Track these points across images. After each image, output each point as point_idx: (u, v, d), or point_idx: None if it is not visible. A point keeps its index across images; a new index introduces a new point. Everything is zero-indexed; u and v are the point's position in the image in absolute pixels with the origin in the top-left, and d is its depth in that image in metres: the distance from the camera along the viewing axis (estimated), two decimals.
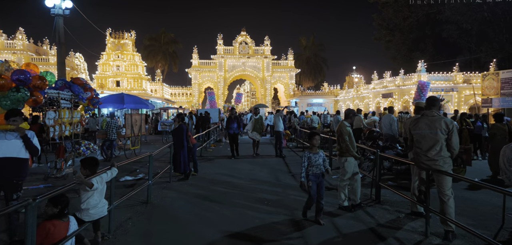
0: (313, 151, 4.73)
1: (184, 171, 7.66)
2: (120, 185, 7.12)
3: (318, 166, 4.66)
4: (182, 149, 7.62)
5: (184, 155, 7.66)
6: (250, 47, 42.85)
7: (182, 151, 7.62)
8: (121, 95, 11.21)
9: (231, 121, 11.17)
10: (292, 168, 9.31)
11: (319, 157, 4.70)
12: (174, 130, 7.83)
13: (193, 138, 8.61)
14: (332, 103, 40.50)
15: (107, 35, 36.33)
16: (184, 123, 7.91)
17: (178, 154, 7.61)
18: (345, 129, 5.30)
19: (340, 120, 13.64)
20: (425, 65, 23.27)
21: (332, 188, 6.81)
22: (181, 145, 7.61)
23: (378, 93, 27.50)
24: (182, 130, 7.67)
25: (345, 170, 5.31)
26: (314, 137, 4.79)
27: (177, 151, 7.61)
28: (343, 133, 5.27)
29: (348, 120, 5.49)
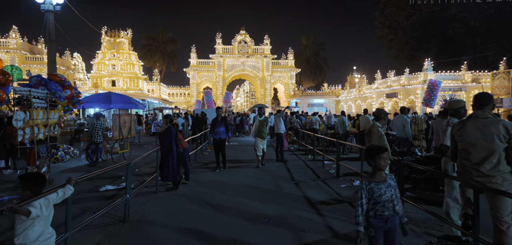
0: (377, 179, 2.73)
1: (173, 179, 6.74)
2: (98, 197, 6.20)
3: (387, 204, 2.66)
4: (170, 154, 6.70)
5: (172, 161, 6.75)
6: (250, 46, 41.97)
7: (170, 156, 6.70)
8: (108, 94, 10.26)
9: (217, 124, 8.95)
10: (295, 175, 8.39)
11: (387, 188, 2.68)
12: (161, 133, 6.92)
13: (185, 141, 7.69)
14: (334, 104, 39.62)
15: (102, 34, 35.39)
16: (172, 125, 6.98)
17: (165, 160, 6.69)
18: (377, 130, 4.39)
19: (344, 120, 12.75)
20: (432, 63, 22.38)
21: (343, 201, 5.89)
22: (169, 150, 6.70)
23: (381, 93, 26.60)
24: (171, 133, 6.76)
25: None
26: (381, 155, 2.72)
27: (165, 156, 6.70)
28: (373, 134, 4.37)
29: (381, 121, 4.57)
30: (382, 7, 38.04)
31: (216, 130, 8.95)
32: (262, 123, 9.48)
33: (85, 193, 6.43)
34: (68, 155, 7.58)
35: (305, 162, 10.60)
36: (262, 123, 9.49)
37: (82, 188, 6.72)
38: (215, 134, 8.98)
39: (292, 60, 43.24)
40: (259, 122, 9.46)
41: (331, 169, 9.01)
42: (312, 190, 6.67)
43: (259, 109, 9.93)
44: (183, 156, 7.44)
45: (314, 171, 8.87)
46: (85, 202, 5.85)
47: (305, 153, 12.67)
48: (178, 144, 7.00)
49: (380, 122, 4.54)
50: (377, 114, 4.62)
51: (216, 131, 8.95)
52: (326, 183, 7.33)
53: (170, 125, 6.90)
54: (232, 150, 13.70)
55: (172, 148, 6.74)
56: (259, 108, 9.88)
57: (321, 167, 9.53)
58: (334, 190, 6.69)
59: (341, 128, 12.32)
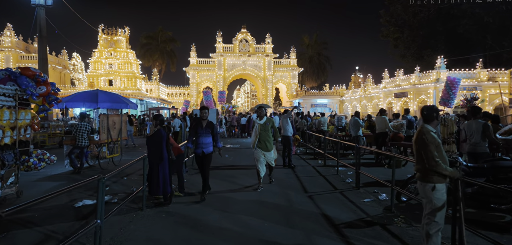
0: None
1: (164, 192, 5.62)
2: (72, 216, 5.08)
3: None
4: (160, 163, 5.58)
5: (163, 171, 5.63)
6: (251, 45, 40.86)
7: (160, 165, 5.59)
8: (95, 92, 9.15)
9: (200, 131, 6.01)
10: (307, 184, 7.26)
11: None
12: (149, 137, 5.79)
13: (178, 146, 6.56)
14: (338, 104, 38.48)
15: (99, 32, 34.31)
16: (163, 128, 5.85)
17: (155, 170, 5.58)
18: (432, 137, 3.27)
19: (360, 123, 11.61)
20: (445, 61, 21.22)
21: (373, 223, 4.75)
22: (160, 157, 5.58)
23: (390, 93, 25.44)
24: (161, 137, 5.63)
25: (434, 204, 3.29)
26: None
27: (154, 166, 5.58)
28: (429, 143, 3.24)
29: (433, 123, 3.43)
30: (387, 4, 36.93)
31: (199, 141, 5.98)
32: (265, 128, 6.78)
33: (56, 210, 5.32)
34: (43, 162, 6.50)
35: (315, 168, 9.48)
36: (264, 128, 6.78)
37: (55, 203, 5.61)
38: (196, 147, 6.04)
39: (294, 59, 42.11)
40: (259, 127, 6.76)
41: (347, 178, 7.88)
42: (331, 206, 5.54)
43: (258, 109, 7.02)
44: (177, 164, 6.33)
45: (328, 180, 7.74)
46: (53, 221, 4.74)
47: (314, 157, 11.55)
48: (169, 150, 5.89)
49: (432, 124, 3.40)
50: (426, 113, 3.45)
51: (198, 142, 6.01)
52: (345, 196, 6.21)
53: (160, 127, 5.78)
54: (233, 154, 12.58)
55: (162, 156, 5.63)
56: (259, 107, 7.06)
57: (334, 174, 8.41)
58: (357, 206, 5.57)
59: (353, 130, 11.19)
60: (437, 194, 3.24)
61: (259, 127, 6.80)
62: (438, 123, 3.41)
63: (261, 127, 6.81)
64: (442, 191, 3.26)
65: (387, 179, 7.46)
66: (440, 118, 9.40)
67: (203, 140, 5.99)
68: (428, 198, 3.29)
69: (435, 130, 3.38)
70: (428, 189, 3.27)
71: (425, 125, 3.41)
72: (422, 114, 3.49)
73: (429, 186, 3.27)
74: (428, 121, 3.43)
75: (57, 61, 39.60)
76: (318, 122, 15.34)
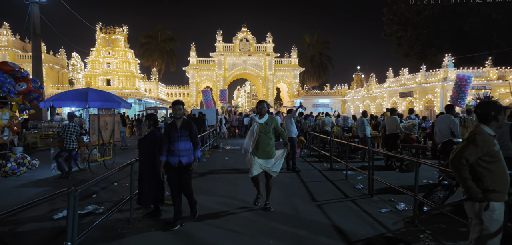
0: None
1: (155, 203, 4.98)
2: (49, 229, 4.45)
3: None
4: (153, 169, 4.95)
5: (156, 178, 4.99)
6: (251, 44, 40.27)
7: (153, 171, 4.95)
8: (85, 90, 8.52)
9: (175, 135, 4.49)
10: (315, 191, 6.61)
11: None
12: (141, 140, 5.16)
13: None
14: (340, 104, 37.83)
15: (97, 30, 33.70)
16: (157, 129, 5.21)
17: (146, 176, 4.94)
18: (491, 144, 2.60)
19: (366, 124, 10.97)
20: (453, 59, 20.56)
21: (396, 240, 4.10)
22: (152, 163, 4.95)
23: (394, 92, 24.78)
24: (154, 140, 4.99)
25: (485, 227, 2.58)
26: None
27: (145, 172, 4.94)
28: (486, 151, 2.58)
29: (491, 124, 2.73)
30: (390, 3, 36.31)
31: (174, 147, 4.41)
32: (266, 129, 5.13)
33: (31, 222, 4.67)
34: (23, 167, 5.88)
35: (321, 172, 8.83)
36: (265, 129, 5.12)
37: (33, 213, 4.97)
38: (172, 155, 4.44)
39: (295, 58, 41.50)
40: (258, 127, 5.12)
41: (357, 183, 7.23)
42: (344, 218, 4.90)
43: (259, 105, 5.31)
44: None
45: (337, 186, 7.10)
46: (25, 238, 4.11)
47: (319, 160, 10.90)
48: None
49: (491, 125, 2.71)
50: (481, 112, 2.74)
51: (172, 149, 4.43)
52: (358, 205, 5.56)
53: (153, 128, 5.14)
54: (234, 156, 11.94)
55: (154, 159, 4.99)
56: (260, 102, 5.34)
57: (343, 179, 7.77)
58: (374, 217, 4.92)
59: (361, 131, 10.54)
60: (491, 215, 2.56)
61: (258, 127, 5.08)
62: (498, 124, 2.70)
63: (261, 127, 5.08)
64: (499, 211, 2.59)
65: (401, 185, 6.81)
66: (460, 118, 8.78)
67: (179, 146, 4.36)
68: (478, 219, 2.62)
69: (494, 134, 2.68)
70: (479, 208, 2.60)
71: (483, 127, 2.70)
72: (476, 113, 2.80)
73: (478, 207, 2.59)
74: (485, 121, 2.73)
75: (55, 61, 39.01)
76: (322, 122, 14.71)
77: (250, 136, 5.23)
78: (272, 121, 5.21)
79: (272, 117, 5.26)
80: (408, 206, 5.36)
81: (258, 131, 5.10)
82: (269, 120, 5.18)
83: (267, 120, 5.17)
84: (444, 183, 4.75)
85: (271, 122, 5.19)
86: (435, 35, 33.10)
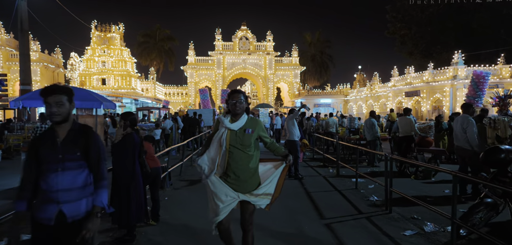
0: None
1: (128, 223, 4.01)
2: None
3: None
4: (131, 180, 4.00)
5: (137, 191, 4.04)
6: (251, 42, 39.31)
7: (132, 183, 4.00)
8: None
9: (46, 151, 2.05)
10: (322, 204, 5.65)
11: None
12: (115, 145, 4.20)
13: (155, 157, 4.96)
14: (342, 104, 36.89)
15: (92, 28, 32.79)
16: (136, 131, 4.24)
17: (123, 190, 3.98)
18: None
19: (374, 124, 10.00)
20: (463, 56, 19.58)
21: None
22: (130, 174, 4.00)
23: (399, 91, 23.81)
24: (131, 145, 4.04)
25: None
26: None
27: (122, 184, 3.98)
28: None
29: None
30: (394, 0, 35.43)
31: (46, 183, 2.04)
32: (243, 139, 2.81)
33: None
34: None
35: (327, 179, 7.87)
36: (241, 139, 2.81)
37: None
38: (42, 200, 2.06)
39: (296, 57, 40.52)
40: (229, 137, 2.80)
41: (370, 194, 6.27)
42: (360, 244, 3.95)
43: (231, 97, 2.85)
44: (153, 179, 4.75)
45: (347, 197, 6.14)
46: None
47: (323, 164, 9.95)
48: (143, 161, 4.32)
49: None
50: None
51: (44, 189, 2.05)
52: (375, 225, 4.60)
53: (131, 130, 4.17)
54: None
55: (133, 170, 4.04)
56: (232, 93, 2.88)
57: (352, 188, 6.81)
58: (398, 244, 3.95)
59: (369, 133, 9.59)
60: None
61: (228, 136, 2.79)
62: None
63: (234, 137, 2.80)
64: None
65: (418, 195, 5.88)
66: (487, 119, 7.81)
67: (58, 182, 2.03)
68: None
69: None
70: None
71: None
72: None
73: None
74: None
75: (50, 60, 38.06)
76: (325, 123, 13.76)
77: (215, 150, 2.81)
78: (253, 126, 2.84)
79: (254, 120, 2.93)
80: (437, 226, 4.41)
81: (228, 144, 2.75)
82: (249, 124, 2.83)
83: (244, 125, 2.80)
84: (487, 201, 3.79)
85: (252, 127, 2.82)
86: (440, 32, 32.18)
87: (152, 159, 4.78)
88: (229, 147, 2.77)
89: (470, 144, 5.93)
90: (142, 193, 4.13)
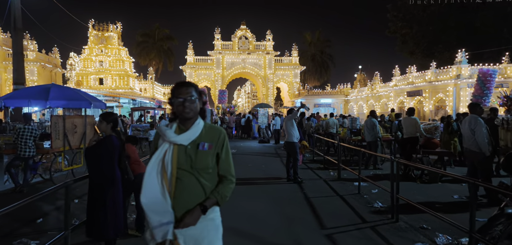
0: None
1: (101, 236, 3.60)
2: None
3: None
4: (110, 188, 3.59)
5: (114, 201, 3.63)
6: (251, 42, 38.88)
7: (110, 192, 3.59)
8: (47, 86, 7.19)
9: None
10: (322, 211, 5.24)
11: None
12: (88, 150, 3.78)
13: (140, 161, 4.55)
14: (342, 104, 36.46)
15: (89, 27, 32.40)
16: (115, 134, 3.82)
17: (99, 200, 3.57)
18: None
19: (375, 124, 9.58)
20: (467, 55, 19.14)
21: None
22: (107, 180, 3.59)
23: (401, 91, 23.38)
24: (111, 149, 3.62)
25: None
26: None
27: (98, 194, 3.57)
28: None
29: None
30: None
31: None
32: (198, 159, 1.75)
33: None
34: None
35: (327, 182, 7.47)
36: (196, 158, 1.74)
37: None
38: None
39: (296, 57, 40.07)
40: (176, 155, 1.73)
41: (373, 199, 5.86)
42: None
43: (176, 89, 1.80)
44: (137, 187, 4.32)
45: (349, 203, 5.73)
46: None
47: (324, 166, 9.54)
48: (125, 167, 3.92)
49: None
50: None
51: None
52: (381, 236, 4.20)
53: (112, 134, 3.75)
54: None
55: (111, 177, 3.63)
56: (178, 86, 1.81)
57: (355, 193, 6.41)
58: None
59: (369, 134, 9.18)
60: None
61: (175, 154, 1.73)
62: None
63: (181, 156, 1.74)
64: None
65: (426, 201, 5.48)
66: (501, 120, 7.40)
67: None
68: None
69: None
70: None
71: None
72: None
73: None
74: None
75: (47, 60, 37.70)
76: (325, 123, 13.38)
77: (159, 184, 1.70)
78: (212, 138, 1.83)
79: (214, 130, 1.88)
80: (449, 238, 4.00)
81: (175, 166, 1.73)
82: (205, 136, 1.83)
83: (198, 136, 1.80)
84: (508, 212, 3.38)
85: (209, 141, 1.82)
86: (442, 31, 31.74)
87: (138, 164, 4.38)
88: (177, 171, 1.72)
89: (479, 146, 5.54)
90: (121, 203, 3.71)
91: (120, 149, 3.75)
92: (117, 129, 3.91)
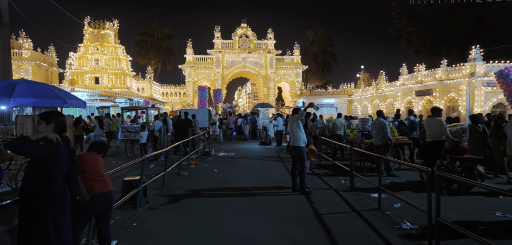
0: None
1: None
2: None
3: None
4: (54, 212, 2.56)
5: (58, 231, 2.59)
6: (252, 40, 37.87)
7: (51, 219, 2.55)
8: (11, 82, 6.16)
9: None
10: (339, 235, 4.20)
11: None
12: (30, 164, 2.74)
13: (105, 175, 3.48)
14: (346, 104, 35.41)
15: (85, 25, 31.41)
16: (64, 140, 2.76)
17: (36, 227, 2.53)
18: None
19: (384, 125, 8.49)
20: (482, 51, 18.01)
21: None
22: (47, 202, 2.55)
23: (409, 91, 22.29)
24: (55, 161, 2.59)
25: None
26: None
27: (34, 219, 2.54)
28: None
29: None
30: None
31: None
32: None
33: None
34: None
35: (339, 193, 6.43)
36: None
37: None
38: None
39: (298, 56, 39.04)
40: None
41: (398, 217, 4.82)
42: None
43: None
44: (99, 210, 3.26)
45: (369, 222, 4.69)
46: None
47: (333, 173, 8.49)
48: (76, 185, 2.88)
49: None
50: None
51: None
52: None
53: (57, 140, 2.69)
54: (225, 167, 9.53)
55: (53, 198, 2.59)
56: None
57: (375, 208, 5.36)
58: None
59: (378, 136, 8.12)
60: None
61: None
62: None
63: None
64: None
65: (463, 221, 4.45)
66: None
67: None
68: None
69: None
70: None
71: None
72: None
73: None
74: None
75: (43, 58, 36.78)
76: (332, 124, 12.33)
77: None
78: None
79: None
80: None
81: None
82: None
83: None
84: None
85: None
86: (449, 29, 30.68)
87: (100, 180, 3.32)
88: None
89: None
90: (69, 232, 2.68)
91: (69, 161, 2.73)
92: (66, 135, 2.88)
